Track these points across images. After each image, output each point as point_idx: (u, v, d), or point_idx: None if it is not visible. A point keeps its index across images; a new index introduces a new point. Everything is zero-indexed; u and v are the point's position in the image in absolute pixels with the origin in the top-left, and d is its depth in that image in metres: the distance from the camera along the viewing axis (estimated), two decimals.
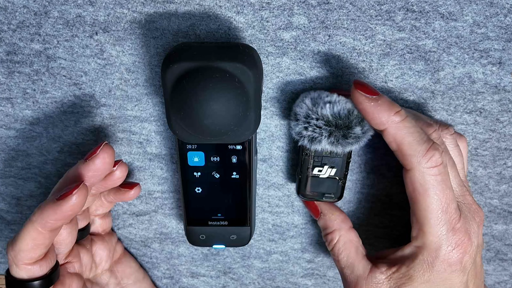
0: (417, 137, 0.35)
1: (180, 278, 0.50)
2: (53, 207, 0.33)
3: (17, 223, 0.48)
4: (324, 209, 0.42)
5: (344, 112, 0.36)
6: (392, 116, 0.35)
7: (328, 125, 0.36)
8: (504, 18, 0.36)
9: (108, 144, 0.36)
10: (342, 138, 0.36)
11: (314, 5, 0.36)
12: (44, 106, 0.41)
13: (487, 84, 0.39)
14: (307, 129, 0.36)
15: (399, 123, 0.35)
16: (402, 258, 0.37)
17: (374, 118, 0.35)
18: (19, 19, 0.37)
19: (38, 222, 0.33)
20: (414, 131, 0.35)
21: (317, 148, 0.37)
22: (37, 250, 0.34)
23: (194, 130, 0.33)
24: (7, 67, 0.39)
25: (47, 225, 0.33)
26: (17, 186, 0.45)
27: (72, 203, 0.33)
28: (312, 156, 0.38)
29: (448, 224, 0.35)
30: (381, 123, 0.35)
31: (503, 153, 0.42)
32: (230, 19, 0.37)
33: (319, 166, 0.39)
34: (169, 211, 0.46)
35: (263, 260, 0.48)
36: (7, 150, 0.43)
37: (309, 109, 0.36)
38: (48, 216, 0.33)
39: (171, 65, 0.32)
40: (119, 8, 0.37)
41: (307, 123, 0.36)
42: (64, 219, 0.33)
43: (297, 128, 0.37)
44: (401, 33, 0.37)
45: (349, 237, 0.40)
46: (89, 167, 0.35)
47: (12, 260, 0.35)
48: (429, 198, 0.35)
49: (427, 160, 0.34)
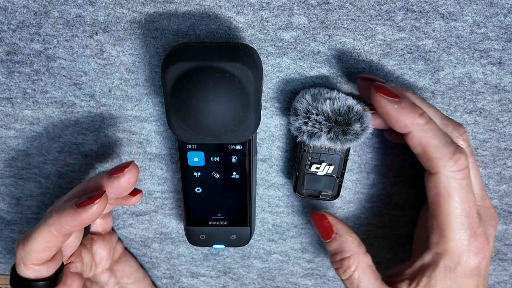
0: (443, 139, 0.34)
1: (180, 278, 0.50)
2: (72, 213, 0.32)
3: (17, 223, 0.48)
4: (341, 229, 0.38)
5: (344, 109, 0.36)
6: (416, 119, 0.33)
7: (328, 121, 0.36)
8: (504, 18, 0.36)
9: (135, 164, 0.36)
10: (342, 135, 0.36)
11: (314, 5, 0.36)
12: (44, 106, 0.41)
13: (487, 84, 0.39)
14: (307, 124, 0.36)
15: (424, 125, 0.34)
16: (422, 268, 0.36)
17: (398, 121, 0.34)
18: (19, 19, 0.37)
19: (55, 226, 0.33)
20: (439, 133, 0.34)
21: (316, 144, 0.37)
22: (48, 252, 0.34)
23: (194, 130, 0.33)
24: (7, 67, 0.39)
25: (63, 230, 0.33)
26: (17, 186, 0.45)
27: (93, 212, 0.32)
28: (310, 153, 0.38)
29: (470, 230, 0.34)
30: (405, 126, 0.34)
31: (503, 153, 0.42)
32: (230, 19, 0.37)
33: (317, 163, 0.39)
34: (169, 211, 0.46)
35: (263, 260, 0.48)
36: (7, 150, 0.43)
37: (309, 105, 0.36)
38: (66, 221, 0.33)
39: (171, 65, 0.32)
40: (119, 8, 0.37)
41: (307, 118, 0.36)
42: (81, 225, 0.33)
43: (296, 123, 0.37)
44: (401, 33, 0.37)
45: (367, 262, 0.37)
46: (113, 184, 0.35)
47: (20, 259, 0.35)
48: (453, 203, 0.34)
49: (454, 163, 0.33)
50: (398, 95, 0.34)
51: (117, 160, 0.43)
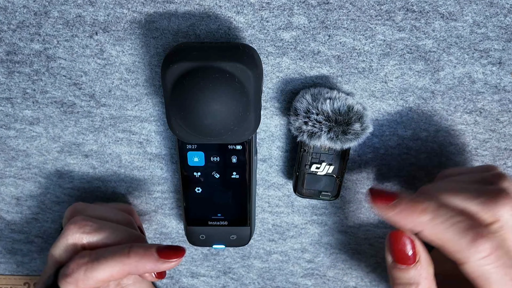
0: (457, 229, 0.30)
1: (180, 278, 0.50)
2: (154, 262, 0.34)
3: (16, 223, 0.48)
4: (424, 258, 0.33)
5: (344, 109, 0.36)
6: (420, 218, 0.31)
7: (328, 121, 0.36)
8: (504, 18, 0.36)
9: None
10: (342, 134, 0.36)
11: (314, 5, 0.36)
12: (44, 106, 0.41)
13: (487, 84, 0.39)
14: (307, 124, 0.36)
15: (430, 221, 0.30)
16: None
17: (404, 225, 0.31)
18: (19, 19, 0.37)
19: (131, 266, 0.34)
20: (450, 223, 0.30)
21: (316, 144, 0.37)
22: (105, 284, 0.35)
23: (194, 130, 0.33)
24: (7, 67, 0.39)
25: (136, 270, 0.34)
26: (17, 186, 0.45)
27: (171, 266, 0.34)
28: (310, 153, 0.38)
29: None
30: (412, 229, 0.31)
31: (503, 153, 0.42)
32: (230, 19, 0.37)
33: (317, 163, 0.39)
34: (169, 211, 0.46)
35: (263, 260, 0.48)
36: (7, 150, 0.43)
37: (309, 104, 0.36)
38: (144, 265, 0.34)
39: (171, 65, 0.32)
40: (119, 8, 0.37)
41: (307, 117, 0.36)
42: (151, 272, 0.35)
43: (296, 123, 0.37)
44: (401, 33, 0.37)
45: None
46: (159, 266, 0.35)
47: (75, 280, 0.34)
48: (495, 286, 0.31)
49: (477, 251, 0.30)
50: (394, 195, 0.31)
51: (117, 160, 0.43)
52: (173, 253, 0.35)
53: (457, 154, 0.42)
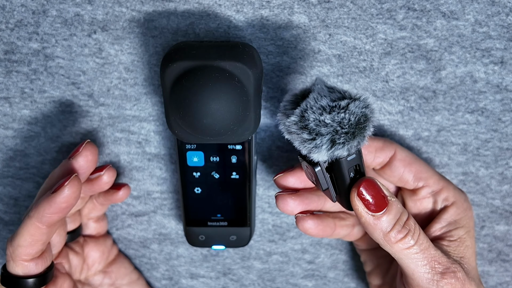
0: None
1: (180, 279, 0.50)
2: (48, 200, 0.34)
3: (15, 223, 0.47)
4: (387, 191, 0.34)
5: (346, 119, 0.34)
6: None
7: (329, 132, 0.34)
8: (506, 17, 0.36)
9: (90, 142, 0.37)
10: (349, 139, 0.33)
11: (315, 4, 0.36)
12: (42, 106, 0.41)
13: (489, 83, 0.38)
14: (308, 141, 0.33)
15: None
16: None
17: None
18: (17, 18, 0.37)
19: (35, 217, 0.34)
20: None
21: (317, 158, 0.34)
22: (35, 246, 0.35)
23: (194, 130, 0.33)
24: (5, 67, 0.39)
25: (44, 219, 0.34)
26: (15, 186, 0.45)
27: (65, 194, 0.34)
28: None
29: None
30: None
31: (505, 153, 0.42)
32: (229, 17, 0.36)
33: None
34: (168, 212, 0.46)
35: (263, 261, 0.48)
36: (5, 150, 0.43)
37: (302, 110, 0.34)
38: (44, 210, 0.34)
39: (170, 64, 0.32)
40: (117, 7, 0.36)
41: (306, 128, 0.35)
42: (60, 212, 0.34)
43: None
44: (402, 32, 0.37)
45: None
46: (72, 165, 0.36)
47: (10, 256, 0.36)
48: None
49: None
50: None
51: (116, 160, 0.43)
52: (62, 183, 0.34)
53: (459, 154, 0.42)
